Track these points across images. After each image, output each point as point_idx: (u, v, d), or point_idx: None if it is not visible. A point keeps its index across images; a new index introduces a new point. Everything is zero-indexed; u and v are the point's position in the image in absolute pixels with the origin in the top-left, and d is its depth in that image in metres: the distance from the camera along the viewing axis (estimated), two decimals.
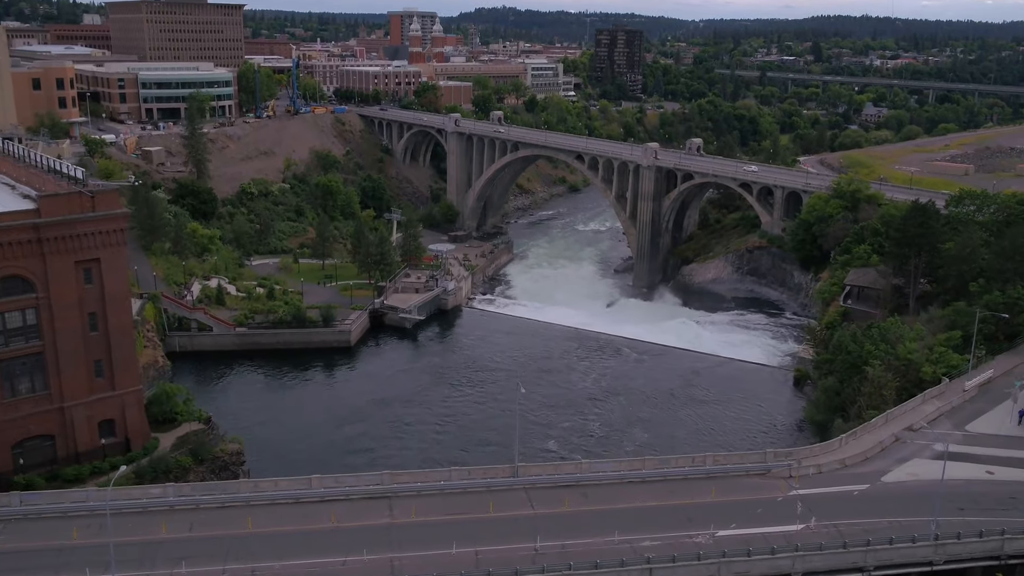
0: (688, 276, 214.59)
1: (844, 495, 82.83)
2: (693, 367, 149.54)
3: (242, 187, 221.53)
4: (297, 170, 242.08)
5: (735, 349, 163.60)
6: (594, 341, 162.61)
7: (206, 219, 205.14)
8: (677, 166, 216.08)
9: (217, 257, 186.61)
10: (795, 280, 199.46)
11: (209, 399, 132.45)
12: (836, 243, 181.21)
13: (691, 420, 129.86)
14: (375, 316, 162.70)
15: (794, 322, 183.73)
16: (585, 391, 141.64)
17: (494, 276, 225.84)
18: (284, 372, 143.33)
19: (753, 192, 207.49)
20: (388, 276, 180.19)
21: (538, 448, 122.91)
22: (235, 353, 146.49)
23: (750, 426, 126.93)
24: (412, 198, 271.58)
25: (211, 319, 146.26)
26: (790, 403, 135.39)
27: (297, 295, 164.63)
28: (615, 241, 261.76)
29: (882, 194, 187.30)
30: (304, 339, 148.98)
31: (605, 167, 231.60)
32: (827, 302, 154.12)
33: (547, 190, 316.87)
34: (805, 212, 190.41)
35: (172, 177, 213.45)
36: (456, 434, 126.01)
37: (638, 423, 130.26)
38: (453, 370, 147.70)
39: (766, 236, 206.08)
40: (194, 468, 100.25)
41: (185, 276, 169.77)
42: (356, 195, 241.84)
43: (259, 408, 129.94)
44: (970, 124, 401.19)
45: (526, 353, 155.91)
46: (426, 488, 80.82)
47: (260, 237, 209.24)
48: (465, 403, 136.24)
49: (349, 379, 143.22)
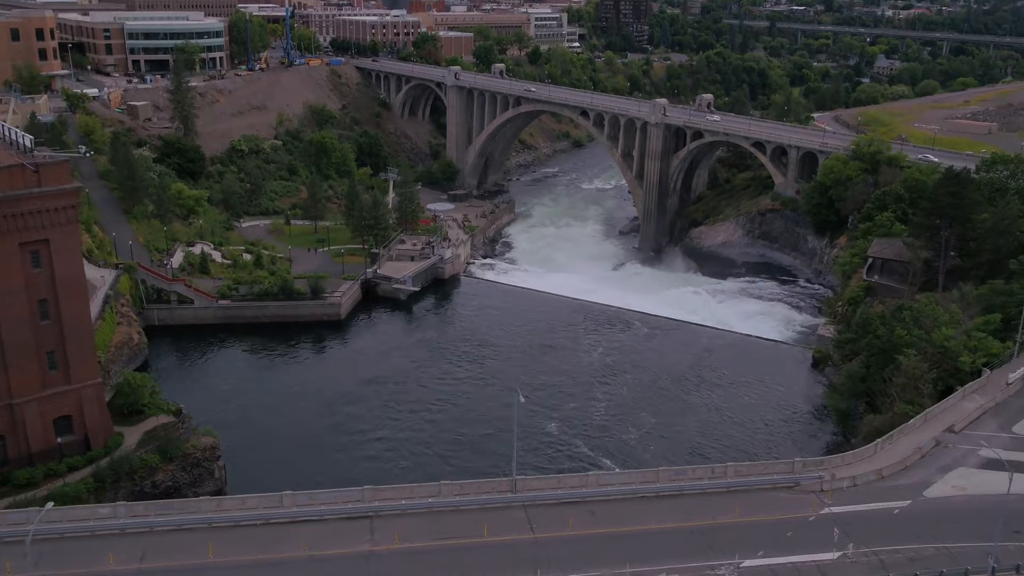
0: (697, 239, 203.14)
1: (883, 514, 72.55)
2: (705, 344, 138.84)
3: (232, 144, 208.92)
4: (290, 126, 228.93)
5: (749, 323, 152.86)
6: (601, 314, 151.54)
7: (193, 179, 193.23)
8: (687, 124, 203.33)
9: (203, 220, 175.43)
10: (809, 245, 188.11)
11: (187, 380, 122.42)
12: (855, 208, 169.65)
13: (702, 405, 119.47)
14: (367, 287, 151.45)
15: (809, 291, 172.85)
16: (591, 369, 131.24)
17: (495, 237, 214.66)
18: (269, 349, 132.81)
19: (766, 152, 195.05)
20: (382, 242, 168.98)
21: (539, 431, 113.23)
22: (218, 327, 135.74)
23: (766, 413, 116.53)
24: (410, 154, 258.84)
25: (192, 291, 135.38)
26: (809, 386, 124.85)
27: (286, 264, 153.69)
28: (620, 200, 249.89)
29: (904, 155, 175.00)
30: (291, 312, 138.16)
31: (611, 124, 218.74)
32: (848, 275, 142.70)
33: (550, 145, 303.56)
34: (822, 174, 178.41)
35: (158, 134, 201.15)
36: (452, 419, 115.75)
37: (645, 407, 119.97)
38: (450, 346, 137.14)
39: (779, 198, 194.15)
40: (163, 467, 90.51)
41: (167, 242, 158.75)
42: (352, 152, 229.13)
43: (240, 390, 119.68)
44: (985, 78, 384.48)
45: (528, 327, 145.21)
46: (412, 506, 70.65)
47: (250, 198, 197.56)
48: (462, 383, 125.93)
49: (339, 356, 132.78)
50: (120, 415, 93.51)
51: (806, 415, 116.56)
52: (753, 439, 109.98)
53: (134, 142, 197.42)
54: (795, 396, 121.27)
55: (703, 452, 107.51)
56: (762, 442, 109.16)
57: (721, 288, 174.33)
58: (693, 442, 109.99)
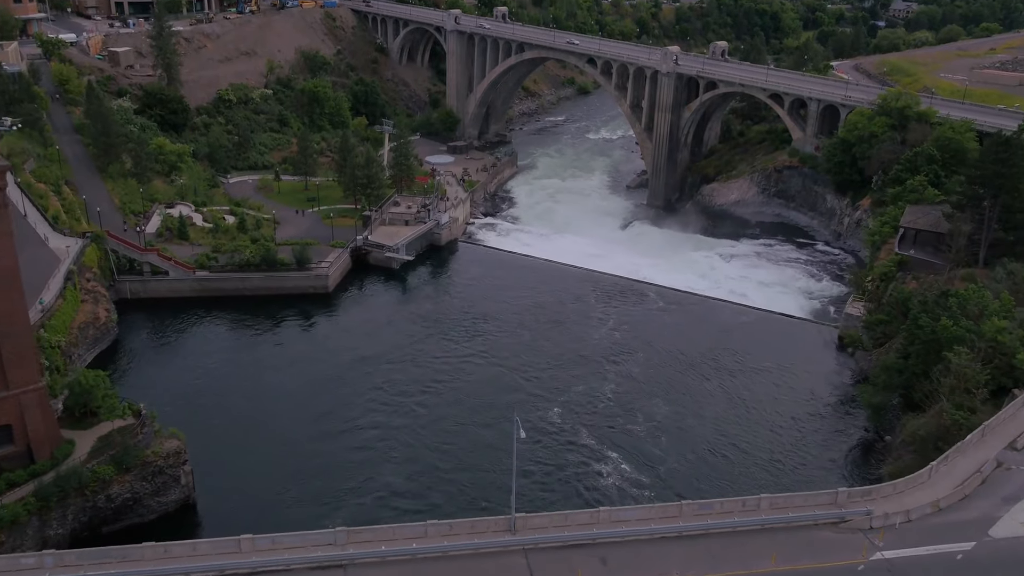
0: (709, 197, 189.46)
1: (944, 560, 60.94)
2: (722, 321, 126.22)
3: (219, 94, 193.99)
4: (281, 73, 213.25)
5: (766, 294, 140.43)
6: (610, 285, 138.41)
7: (177, 132, 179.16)
8: (700, 73, 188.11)
9: (186, 178, 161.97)
10: (828, 205, 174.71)
11: (158, 363, 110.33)
12: (880, 167, 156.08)
13: (720, 393, 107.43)
14: (358, 255, 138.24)
15: (829, 256, 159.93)
16: (599, 347, 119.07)
17: (497, 193, 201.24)
18: (250, 325, 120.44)
19: (784, 105, 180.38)
20: (376, 202, 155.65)
21: (541, 419, 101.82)
22: (195, 301, 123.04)
23: (789, 405, 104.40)
24: (408, 103, 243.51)
25: (166, 261, 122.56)
26: (836, 372, 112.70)
27: (271, 229, 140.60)
28: (627, 151, 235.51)
29: (934, 111, 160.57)
30: (275, 284, 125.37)
31: (619, 72, 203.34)
32: (877, 245, 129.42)
33: (555, 92, 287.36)
34: (845, 130, 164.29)
35: (140, 83, 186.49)
36: (449, 404, 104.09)
37: (658, 392, 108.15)
38: (446, 321, 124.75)
39: (797, 154, 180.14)
40: (118, 479, 79.00)
41: (144, 204, 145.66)
42: (346, 101, 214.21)
43: (217, 373, 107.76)
44: (1008, 22, 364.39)
45: (530, 299, 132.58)
46: (393, 552, 59.06)
47: (238, 151, 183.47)
48: (460, 362, 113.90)
49: (326, 333, 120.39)
50: (71, 420, 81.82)
51: (834, 407, 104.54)
52: (776, 436, 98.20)
53: (114, 91, 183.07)
54: (821, 384, 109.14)
55: (720, 451, 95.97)
56: (786, 440, 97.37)
57: (735, 251, 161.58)
58: (709, 438, 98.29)
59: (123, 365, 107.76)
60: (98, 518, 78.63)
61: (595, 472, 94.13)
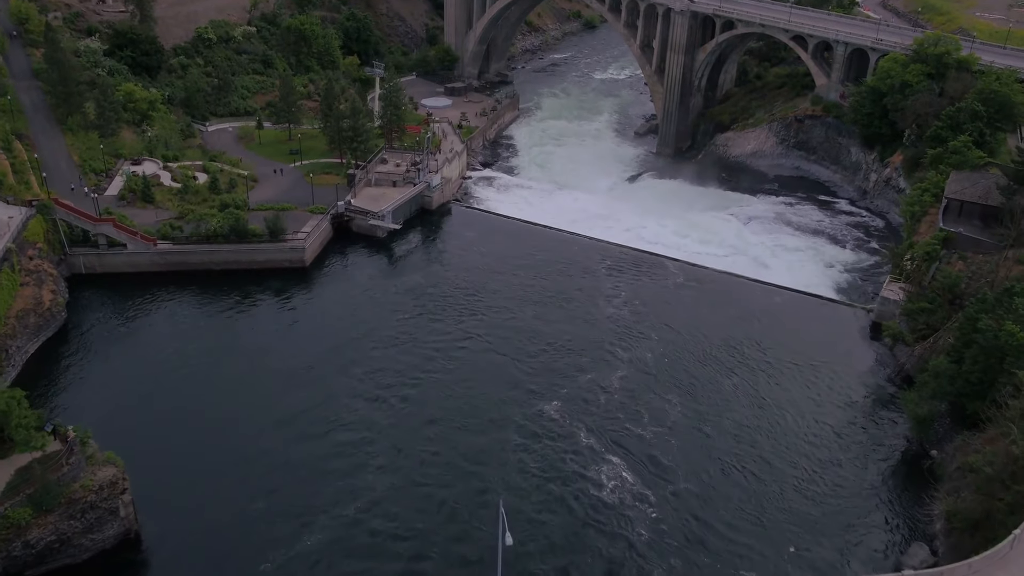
0: (724, 147, 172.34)
1: None
2: (743, 302, 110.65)
3: (198, 32, 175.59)
4: (266, 8, 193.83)
5: (789, 263, 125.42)
6: (620, 257, 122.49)
7: (150, 75, 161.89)
8: (716, 12, 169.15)
9: (158, 128, 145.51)
10: (852, 158, 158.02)
11: (109, 355, 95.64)
12: (914, 121, 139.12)
13: (741, 392, 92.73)
14: (339, 222, 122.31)
15: (855, 218, 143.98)
16: (605, 331, 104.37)
17: (496, 139, 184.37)
18: (216, 305, 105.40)
19: (808, 48, 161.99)
20: (364, 156, 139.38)
21: (536, 415, 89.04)
22: (156, 276, 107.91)
23: (820, 409, 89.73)
24: (405, 39, 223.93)
25: (123, 232, 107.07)
26: (872, 368, 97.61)
27: (245, 190, 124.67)
28: (636, 92, 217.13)
29: (976, 57, 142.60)
30: (245, 258, 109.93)
31: (629, 9, 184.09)
32: (917, 217, 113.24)
33: (559, 27, 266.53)
34: (876, 78, 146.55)
35: (112, 20, 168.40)
36: (438, 400, 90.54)
37: (671, 388, 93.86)
38: (436, 299, 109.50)
39: (820, 102, 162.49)
40: (38, 522, 65.54)
41: (107, 161, 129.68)
42: (337, 39, 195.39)
43: (174, 367, 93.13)
44: None
45: (530, 272, 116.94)
46: None
47: (218, 96, 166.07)
48: (451, 348, 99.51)
49: (301, 315, 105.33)
50: None
51: (871, 411, 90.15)
52: (806, 449, 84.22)
53: (82, 30, 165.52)
54: (855, 382, 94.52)
55: (740, 466, 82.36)
56: (818, 455, 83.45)
57: (753, 212, 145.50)
58: (728, 449, 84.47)
59: (67, 360, 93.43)
60: (16, 566, 65.52)
61: (595, 484, 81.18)
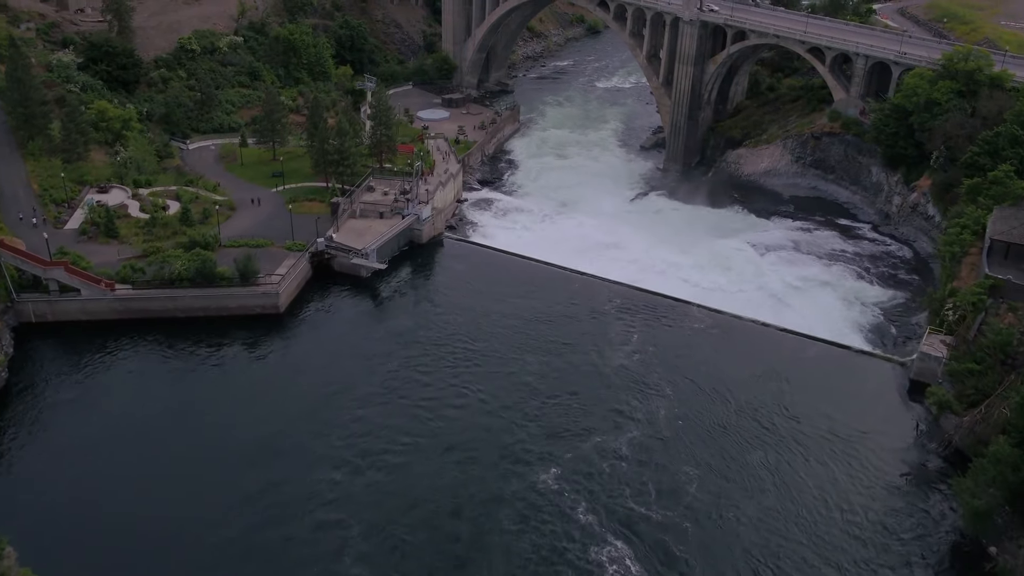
0: (735, 164, 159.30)
1: None
2: (764, 355, 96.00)
3: (180, 42, 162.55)
4: (255, 16, 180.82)
5: (811, 300, 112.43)
6: (627, 299, 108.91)
7: (127, 90, 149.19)
8: (727, 21, 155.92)
9: (131, 148, 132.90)
10: (873, 179, 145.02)
11: (47, 424, 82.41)
12: (944, 143, 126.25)
13: (766, 474, 78.72)
14: (319, 260, 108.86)
15: (879, 246, 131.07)
16: (613, 386, 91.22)
17: (496, 154, 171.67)
18: (178, 359, 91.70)
19: (826, 61, 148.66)
20: (352, 179, 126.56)
21: (528, 485, 77.50)
22: (115, 324, 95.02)
23: (859, 496, 75.70)
24: (402, 46, 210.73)
25: (76, 277, 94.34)
26: (914, 441, 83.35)
27: (222, 219, 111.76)
28: (641, 103, 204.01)
29: (1009, 74, 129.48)
30: (213, 304, 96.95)
31: (635, 17, 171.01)
32: (957, 258, 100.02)
33: (562, 32, 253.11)
34: (902, 96, 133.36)
35: (88, 31, 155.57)
36: (420, 480, 77.98)
37: (685, 459, 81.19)
38: (425, 348, 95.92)
39: (839, 118, 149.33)
40: None
41: (71, 189, 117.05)
42: (329, 48, 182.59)
43: (125, 439, 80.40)
44: None
45: (528, 315, 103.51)
46: None
47: (201, 111, 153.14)
48: (439, 408, 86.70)
49: (272, 371, 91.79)
50: None
51: (915, 495, 76.85)
52: (842, 545, 71.27)
53: (57, 41, 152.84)
54: (895, 458, 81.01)
55: (767, 564, 69.64)
56: (856, 553, 70.49)
57: (768, 239, 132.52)
58: (753, 542, 71.59)
59: (3, 433, 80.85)
60: None
61: None
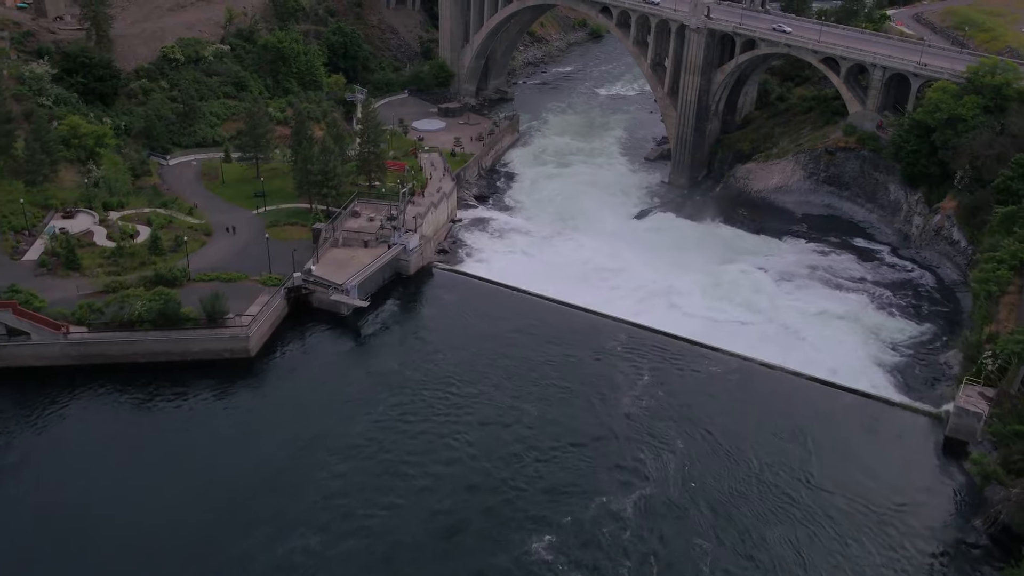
0: (744, 180, 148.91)
1: None
2: (785, 407, 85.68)
3: (163, 51, 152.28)
4: (243, 23, 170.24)
5: (829, 335, 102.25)
6: (633, 335, 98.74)
7: (105, 103, 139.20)
8: (736, 30, 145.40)
9: (104, 167, 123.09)
10: (891, 197, 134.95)
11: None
12: (969, 162, 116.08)
13: (790, 557, 68.88)
14: (296, 296, 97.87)
15: (899, 271, 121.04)
16: (618, 434, 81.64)
17: (494, 167, 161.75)
18: (134, 412, 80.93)
19: (840, 72, 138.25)
20: (336, 200, 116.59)
21: (520, 555, 68.16)
22: (69, 371, 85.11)
23: None
24: (398, 52, 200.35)
25: (25, 320, 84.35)
26: (955, 515, 72.08)
27: (193, 246, 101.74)
28: (645, 112, 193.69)
29: None
30: (177, 348, 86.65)
31: (639, 25, 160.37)
32: (994, 297, 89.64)
33: (564, 37, 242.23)
34: (924, 111, 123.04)
35: (67, 40, 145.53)
36: (402, 553, 68.25)
37: (697, 532, 71.09)
38: (410, 398, 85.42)
39: (855, 132, 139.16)
40: None
41: (33, 215, 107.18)
42: (321, 55, 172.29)
43: (69, 513, 70.15)
44: None
45: (528, 354, 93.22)
46: None
47: (183, 124, 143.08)
48: (426, 464, 76.80)
49: (240, 423, 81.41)
50: None
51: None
52: None
53: (33, 51, 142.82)
54: (935, 538, 69.88)
55: None
56: None
57: (782, 264, 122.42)
58: None
59: None
60: None
61: None
